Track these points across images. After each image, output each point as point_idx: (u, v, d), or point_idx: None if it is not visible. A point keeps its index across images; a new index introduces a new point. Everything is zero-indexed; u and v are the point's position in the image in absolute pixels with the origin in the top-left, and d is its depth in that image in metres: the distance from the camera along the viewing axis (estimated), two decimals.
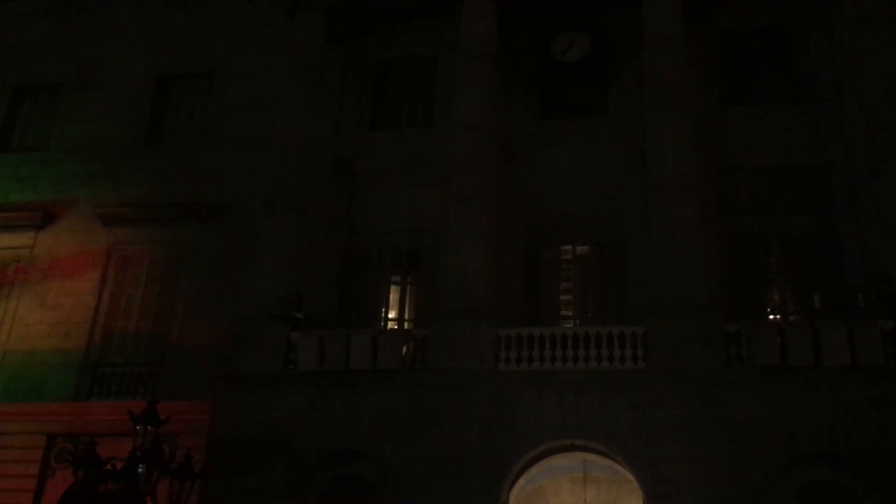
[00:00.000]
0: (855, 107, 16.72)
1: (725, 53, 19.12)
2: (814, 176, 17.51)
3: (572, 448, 15.24)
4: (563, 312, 17.76)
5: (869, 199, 16.04)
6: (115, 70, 21.72)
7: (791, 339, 14.41)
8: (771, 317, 16.91)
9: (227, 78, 21.07)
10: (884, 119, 15.91)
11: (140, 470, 11.96)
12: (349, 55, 20.69)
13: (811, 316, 16.17)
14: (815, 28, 18.57)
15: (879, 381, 13.98)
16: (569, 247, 18.33)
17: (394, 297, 18.66)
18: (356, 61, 20.72)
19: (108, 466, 12.05)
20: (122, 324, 18.90)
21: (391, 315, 18.59)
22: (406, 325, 18.18)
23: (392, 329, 18.09)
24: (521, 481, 15.55)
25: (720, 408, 14.34)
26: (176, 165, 20.20)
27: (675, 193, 16.12)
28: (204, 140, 20.52)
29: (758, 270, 17.19)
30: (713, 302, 15.53)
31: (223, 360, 16.18)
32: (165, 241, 19.37)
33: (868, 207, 16.09)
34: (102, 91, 21.58)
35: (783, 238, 17.29)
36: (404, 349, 15.82)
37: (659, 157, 16.54)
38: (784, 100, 18.44)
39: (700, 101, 18.03)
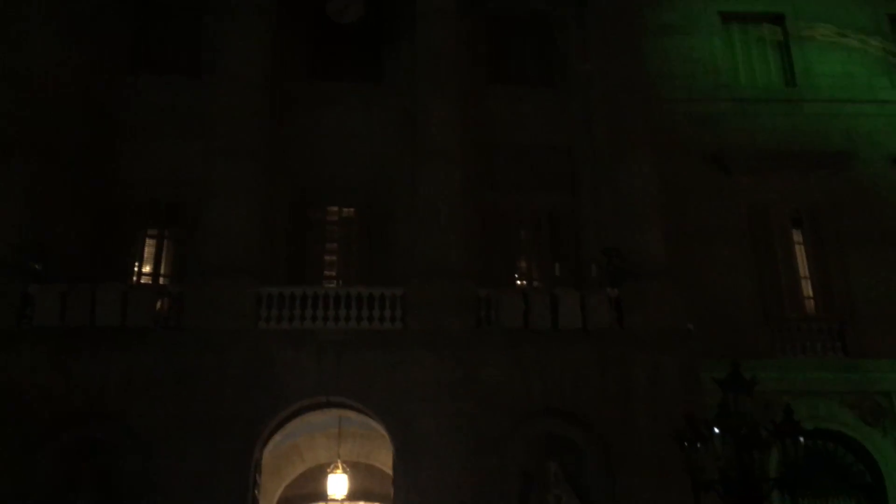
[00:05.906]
0: (599, 95, 18.34)
1: (493, 36, 20.03)
2: (561, 156, 19.03)
3: (328, 405, 15.56)
4: (327, 273, 17.91)
5: (605, 180, 17.77)
6: None
7: (533, 303, 15.72)
8: (518, 283, 18.28)
9: None
10: (621, 108, 17.60)
11: None
12: None
13: (553, 283, 17.71)
14: (571, 19, 20.00)
15: (605, 343, 15.60)
16: (335, 208, 18.49)
17: (149, 251, 17.75)
18: None
19: None
20: None
21: (146, 270, 17.66)
22: (161, 282, 17.39)
23: (144, 284, 17.22)
24: (277, 437, 15.63)
25: (470, 367, 15.25)
26: None
27: (440, 164, 16.76)
28: None
29: (510, 241, 18.45)
30: (468, 268, 16.46)
31: None
32: None
33: (604, 188, 17.82)
34: None
35: (533, 213, 18.66)
36: (158, 305, 15.16)
37: (427, 128, 17.07)
38: (542, 83, 19.75)
39: (468, 78, 18.84)
